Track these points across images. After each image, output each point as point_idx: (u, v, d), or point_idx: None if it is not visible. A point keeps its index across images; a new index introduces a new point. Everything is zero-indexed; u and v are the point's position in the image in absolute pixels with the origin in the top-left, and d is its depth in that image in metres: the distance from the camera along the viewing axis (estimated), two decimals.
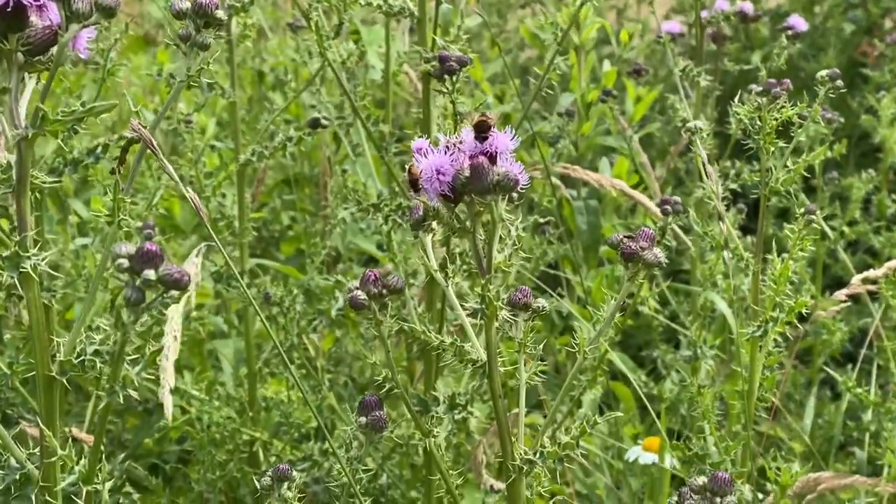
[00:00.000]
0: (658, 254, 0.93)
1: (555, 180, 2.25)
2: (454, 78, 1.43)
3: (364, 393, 2.09)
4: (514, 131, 0.93)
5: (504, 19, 4.17)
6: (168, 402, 1.00)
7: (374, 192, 2.05)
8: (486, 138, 0.89)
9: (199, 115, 2.02)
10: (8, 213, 1.63)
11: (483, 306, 0.94)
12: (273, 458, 1.88)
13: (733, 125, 2.10)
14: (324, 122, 1.96)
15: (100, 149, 1.44)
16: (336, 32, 1.76)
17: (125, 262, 0.73)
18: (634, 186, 2.37)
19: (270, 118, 1.87)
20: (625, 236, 0.94)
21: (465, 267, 1.48)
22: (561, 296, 2.24)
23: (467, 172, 0.90)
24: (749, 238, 2.24)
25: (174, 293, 0.73)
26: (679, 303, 2.30)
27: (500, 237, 0.95)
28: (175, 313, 1.08)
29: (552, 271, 2.38)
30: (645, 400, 1.69)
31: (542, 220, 2.04)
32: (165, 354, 1.03)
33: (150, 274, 0.73)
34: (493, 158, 0.91)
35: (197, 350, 2.24)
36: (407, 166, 0.91)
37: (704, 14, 2.13)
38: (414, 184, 0.92)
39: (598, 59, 2.75)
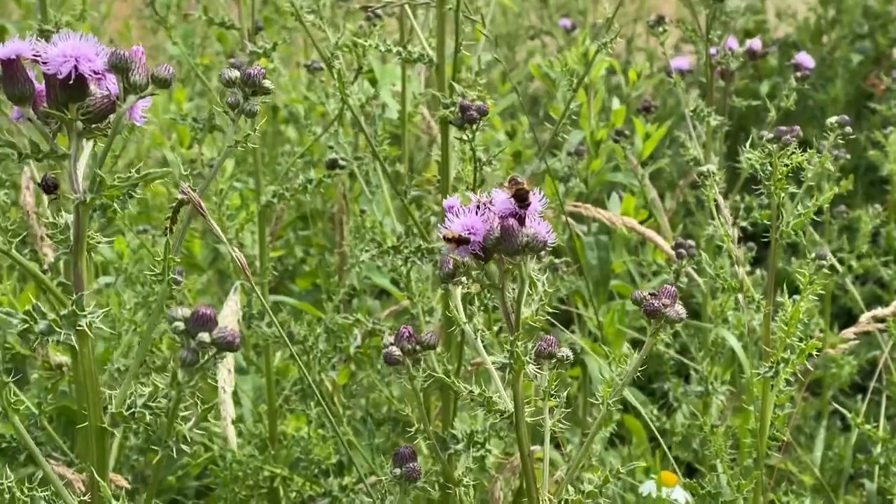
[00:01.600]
0: (680, 311, 0.97)
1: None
2: (474, 126, 1.48)
3: (381, 427, 2.13)
4: (541, 194, 0.97)
5: (513, 51, 4.22)
6: (231, 432, 1.03)
7: (390, 231, 2.09)
8: (528, 206, 0.93)
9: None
10: (38, 257, 1.67)
11: (511, 361, 0.98)
12: (293, 494, 1.91)
13: (743, 164, 2.14)
14: (342, 163, 2.01)
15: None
16: (355, 77, 1.81)
17: (181, 325, 0.77)
18: (643, 221, 2.42)
19: (291, 160, 1.92)
20: (648, 294, 0.97)
21: (481, 307, 1.51)
22: (572, 331, 2.28)
23: (498, 233, 0.94)
24: (758, 271, 2.27)
25: (227, 355, 0.78)
26: (690, 335, 2.33)
27: (528, 292, 0.99)
28: None
29: (563, 307, 2.42)
30: (657, 433, 1.72)
31: (557, 261, 2.08)
32: (223, 387, 1.07)
33: (205, 337, 0.77)
34: (521, 219, 0.95)
35: (214, 385, 2.27)
36: (443, 233, 0.94)
37: (714, 52, 2.17)
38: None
39: (607, 90, 2.79)
